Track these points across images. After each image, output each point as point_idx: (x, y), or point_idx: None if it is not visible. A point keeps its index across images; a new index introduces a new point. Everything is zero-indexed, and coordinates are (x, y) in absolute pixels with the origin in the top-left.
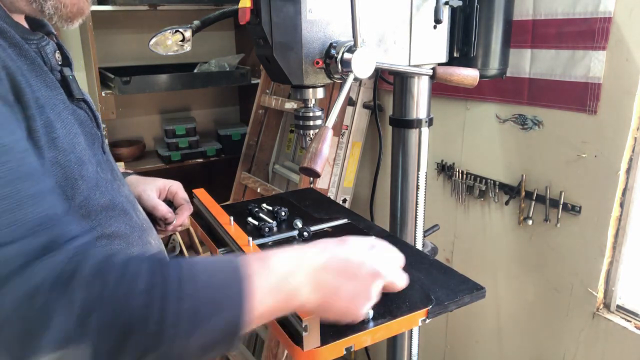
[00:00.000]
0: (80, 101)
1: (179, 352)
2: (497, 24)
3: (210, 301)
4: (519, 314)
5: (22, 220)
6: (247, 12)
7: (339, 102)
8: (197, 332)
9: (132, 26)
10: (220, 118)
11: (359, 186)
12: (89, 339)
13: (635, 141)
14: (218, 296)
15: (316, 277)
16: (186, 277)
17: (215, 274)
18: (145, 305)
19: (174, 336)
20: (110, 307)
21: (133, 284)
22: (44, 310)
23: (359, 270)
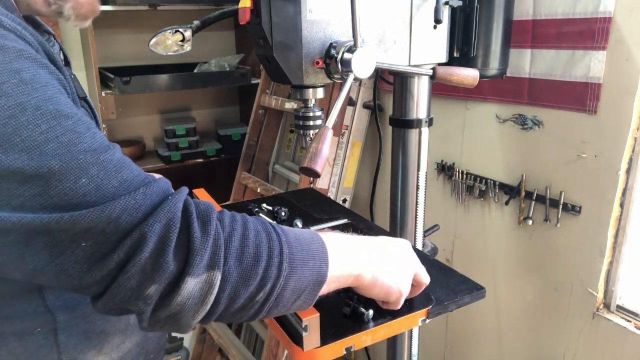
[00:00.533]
0: (82, 100)
1: (278, 291)
2: (497, 24)
3: (305, 249)
4: (519, 314)
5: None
6: (247, 12)
7: (339, 102)
8: (295, 273)
9: (132, 26)
10: (220, 118)
11: (359, 186)
12: (223, 267)
13: (635, 141)
14: (308, 248)
15: (370, 252)
16: (281, 230)
17: (301, 234)
18: (257, 244)
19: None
20: (238, 243)
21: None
22: (195, 236)
23: (400, 252)
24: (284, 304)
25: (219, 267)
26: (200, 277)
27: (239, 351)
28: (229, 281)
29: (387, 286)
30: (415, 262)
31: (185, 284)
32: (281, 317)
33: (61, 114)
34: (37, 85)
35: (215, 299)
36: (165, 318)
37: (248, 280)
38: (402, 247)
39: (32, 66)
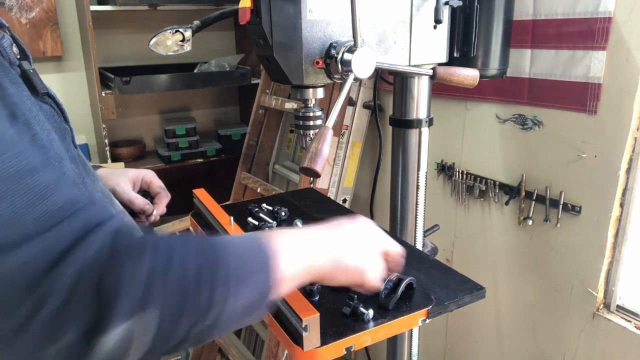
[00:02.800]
0: (45, 95)
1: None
2: (497, 24)
3: (242, 264)
4: (519, 314)
5: (52, 209)
6: (247, 12)
7: (339, 102)
8: (240, 292)
9: (132, 26)
10: (220, 118)
11: (359, 186)
12: (155, 305)
13: (635, 141)
14: (247, 262)
15: (328, 241)
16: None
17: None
18: (198, 269)
19: (224, 296)
20: (170, 274)
21: (185, 252)
22: (112, 281)
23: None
24: (234, 321)
25: (152, 306)
26: (127, 322)
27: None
28: (167, 316)
29: (352, 268)
30: (379, 236)
31: (108, 334)
32: (281, 317)
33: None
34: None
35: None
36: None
37: (190, 311)
38: (360, 224)
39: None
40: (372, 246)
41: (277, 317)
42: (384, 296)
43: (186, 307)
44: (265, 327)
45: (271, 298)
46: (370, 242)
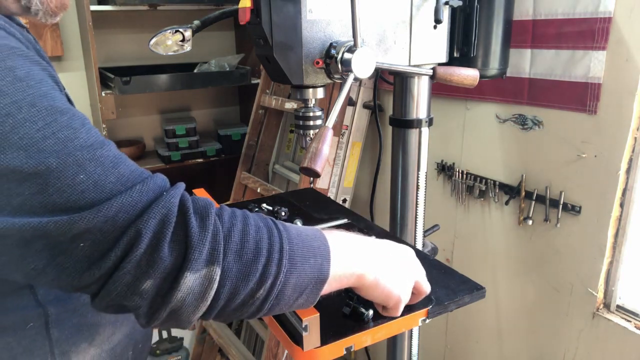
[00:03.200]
0: None
1: (279, 288)
2: (497, 24)
3: (306, 247)
4: (519, 314)
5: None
6: (247, 12)
7: (339, 102)
8: (296, 270)
9: (132, 26)
10: (220, 118)
11: (359, 186)
12: (218, 264)
13: (635, 141)
14: (310, 245)
15: (373, 254)
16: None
17: (304, 231)
18: (257, 240)
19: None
20: (231, 240)
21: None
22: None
23: (402, 258)
24: (286, 301)
25: (218, 262)
26: (200, 272)
27: (239, 351)
28: (229, 277)
29: (388, 289)
30: (418, 269)
31: (185, 279)
32: (281, 317)
33: (56, 110)
34: (32, 82)
35: (215, 294)
36: (167, 315)
37: (248, 276)
38: (406, 253)
39: (25, 63)
40: (410, 276)
41: (277, 317)
42: None
43: (244, 273)
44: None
45: (322, 287)
46: (410, 272)
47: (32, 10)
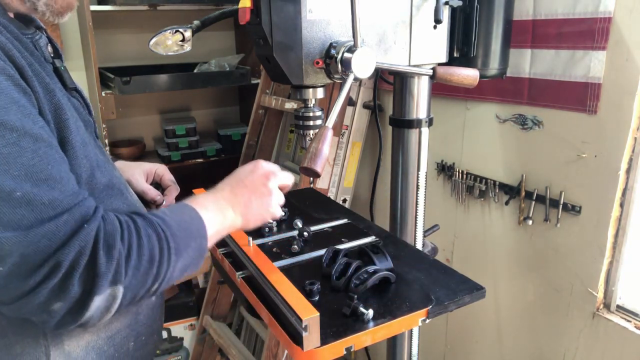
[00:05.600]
0: (73, 90)
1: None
2: (497, 24)
3: (187, 234)
4: (519, 314)
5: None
6: (247, 12)
7: (339, 102)
8: (182, 257)
9: (132, 26)
10: (220, 118)
11: (359, 186)
12: (121, 283)
13: (635, 141)
14: (190, 232)
15: (231, 202)
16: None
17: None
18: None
19: (171, 266)
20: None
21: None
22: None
23: (253, 182)
24: (174, 279)
25: (121, 282)
26: (105, 293)
27: (239, 351)
28: (130, 289)
29: (259, 218)
30: (268, 177)
31: (93, 302)
32: (281, 317)
33: (5, 126)
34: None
35: (119, 304)
36: (75, 327)
37: (145, 282)
38: (257, 170)
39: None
40: (268, 188)
41: (277, 317)
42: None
43: (143, 280)
44: (265, 327)
45: (203, 257)
46: (266, 184)
47: (39, 10)
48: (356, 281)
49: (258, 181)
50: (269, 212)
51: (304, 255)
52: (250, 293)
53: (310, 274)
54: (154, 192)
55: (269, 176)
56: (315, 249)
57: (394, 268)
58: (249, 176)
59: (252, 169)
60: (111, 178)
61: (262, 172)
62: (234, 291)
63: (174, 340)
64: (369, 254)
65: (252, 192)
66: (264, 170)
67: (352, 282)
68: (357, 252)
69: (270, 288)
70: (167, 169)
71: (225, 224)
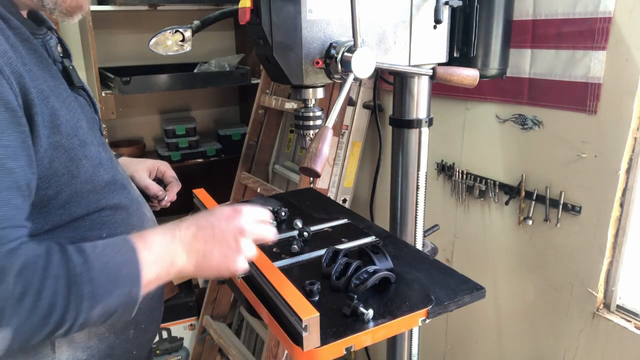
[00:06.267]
0: (80, 89)
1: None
2: (497, 24)
3: (112, 279)
4: (519, 314)
5: None
6: (247, 12)
7: (339, 102)
8: (100, 304)
9: (132, 26)
10: (220, 118)
11: (359, 186)
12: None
13: (635, 141)
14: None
15: (188, 247)
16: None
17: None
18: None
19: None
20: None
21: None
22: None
23: (224, 233)
24: (93, 323)
25: (5, 325)
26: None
27: (239, 351)
28: (21, 333)
29: (215, 271)
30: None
31: None
32: (281, 317)
33: None
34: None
35: (7, 347)
36: None
37: (42, 328)
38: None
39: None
40: (242, 245)
41: (277, 317)
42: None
43: (42, 324)
44: (265, 327)
45: (134, 306)
46: (241, 241)
47: (46, 7)
48: (356, 281)
49: (229, 234)
50: (228, 269)
51: (304, 255)
52: (250, 293)
53: (310, 274)
54: (156, 188)
55: (244, 232)
56: (315, 249)
57: (394, 268)
58: (223, 224)
59: (230, 216)
60: (114, 174)
61: (238, 224)
62: (234, 291)
63: (174, 340)
64: (369, 254)
65: (217, 244)
66: (241, 223)
67: (352, 282)
68: (357, 252)
69: (270, 288)
70: (169, 166)
71: (171, 270)
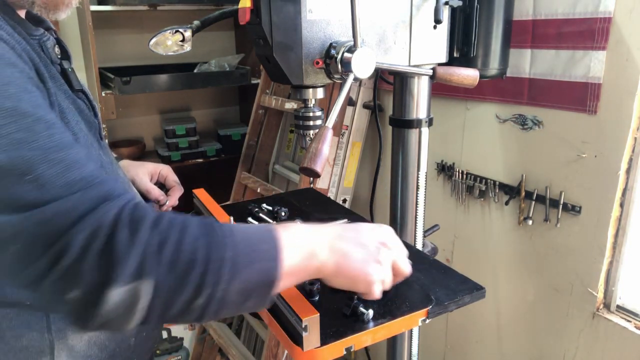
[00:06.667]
0: (79, 92)
1: (220, 295)
2: (497, 24)
3: (253, 251)
4: (519, 314)
5: (77, 178)
6: (247, 12)
7: (339, 102)
8: (239, 277)
9: (132, 26)
10: (220, 118)
11: (359, 186)
12: (149, 276)
13: (635, 141)
14: (256, 249)
15: (331, 243)
16: (228, 232)
17: (253, 234)
18: (194, 249)
19: (216, 279)
20: (164, 250)
21: (184, 231)
22: (120, 246)
23: (368, 240)
24: (231, 305)
25: (147, 276)
26: (126, 287)
27: (239, 351)
28: (160, 289)
29: (352, 274)
30: (395, 249)
31: (110, 294)
32: (281, 317)
33: (18, 112)
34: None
35: (148, 306)
36: (99, 325)
37: (181, 288)
38: (378, 233)
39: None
40: (381, 256)
41: (277, 317)
42: None
43: (177, 284)
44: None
45: (271, 290)
46: (382, 252)
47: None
48: None
49: (374, 242)
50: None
51: None
52: None
53: None
54: (157, 192)
55: (387, 246)
56: None
57: None
58: (369, 232)
59: (376, 228)
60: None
61: (383, 238)
62: None
63: (174, 340)
64: None
65: (360, 247)
66: (386, 238)
67: None
68: None
69: None
70: (171, 170)
71: (312, 263)
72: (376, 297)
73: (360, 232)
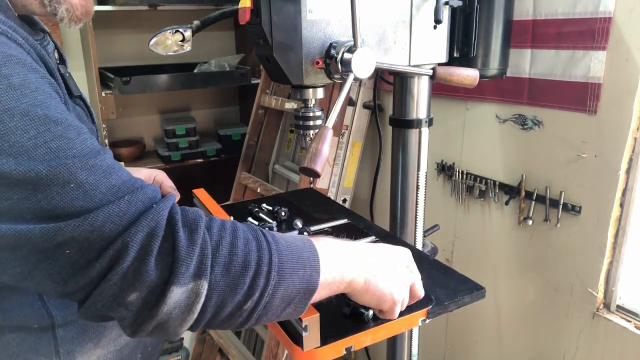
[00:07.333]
0: (77, 98)
1: (267, 300)
2: (497, 24)
3: (296, 258)
4: (519, 314)
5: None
6: (247, 12)
7: (339, 102)
8: (285, 282)
9: (132, 26)
10: (220, 118)
11: (359, 186)
12: (205, 277)
13: (635, 141)
14: (299, 257)
15: (363, 261)
16: (272, 238)
17: (293, 242)
18: (246, 253)
19: (266, 283)
20: (220, 253)
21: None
22: (181, 245)
23: (396, 262)
24: (273, 311)
25: (205, 276)
26: (187, 286)
27: (239, 351)
28: (216, 290)
29: (380, 293)
30: (414, 272)
31: (171, 293)
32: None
33: (50, 119)
34: (27, 91)
35: (202, 307)
36: (153, 327)
37: (235, 289)
38: (401, 255)
39: (22, 71)
40: (405, 279)
41: None
42: None
43: (234, 286)
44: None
45: (311, 297)
46: (404, 275)
47: (58, 16)
48: None
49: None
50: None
51: None
52: None
53: None
54: None
55: (410, 268)
56: None
57: None
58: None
59: (397, 249)
60: None
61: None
62: None
63: (174, 341)
64: None
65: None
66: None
67: None
68: None
69: None
70: (167, 176)
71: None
72: (395, 317)
73: (389, 253)
